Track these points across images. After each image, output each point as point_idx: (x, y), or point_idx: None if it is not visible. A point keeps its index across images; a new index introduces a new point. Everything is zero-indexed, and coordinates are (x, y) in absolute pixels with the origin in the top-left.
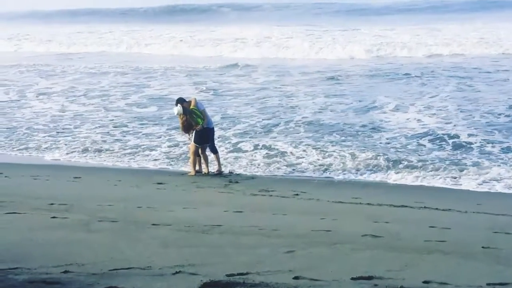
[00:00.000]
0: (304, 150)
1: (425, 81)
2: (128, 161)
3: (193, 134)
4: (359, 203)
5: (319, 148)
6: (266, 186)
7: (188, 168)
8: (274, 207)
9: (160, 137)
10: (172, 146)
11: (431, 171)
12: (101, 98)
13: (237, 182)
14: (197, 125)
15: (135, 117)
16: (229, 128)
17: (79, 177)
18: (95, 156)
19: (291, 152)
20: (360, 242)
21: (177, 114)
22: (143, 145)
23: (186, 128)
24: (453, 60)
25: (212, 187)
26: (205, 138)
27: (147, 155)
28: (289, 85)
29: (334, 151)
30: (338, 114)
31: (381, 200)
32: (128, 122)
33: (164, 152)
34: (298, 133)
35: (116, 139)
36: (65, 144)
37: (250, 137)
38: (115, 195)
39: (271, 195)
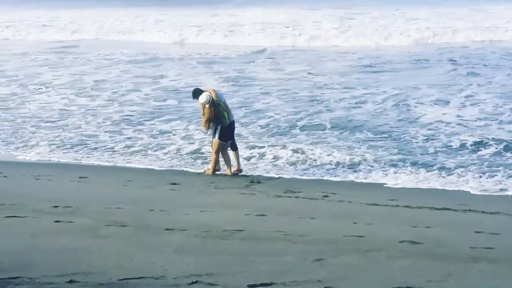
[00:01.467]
0: (333, 147)
1: (471, 70)
2: (139, 160)
3: (218, 129)
4: (395, 206)
5: (350, 146)
6: (292, 187)
7: (202, 168)
8: (300, 210)
9: (176, 134)
10: (188, 144)
11: (475, 173)
12: (111, 91)
13: (259, 183)
14: (223, 118)
15: (148, 112)
16: (252, 123)
17: (85, 177)
18: (103, 154)
19: (319, 150)
20: (397, 249)
21: (205, 103)
22: (157, 142)
23: (213, 120)
24: (505, 46)
25: (232, 188)
26: (229, 134)
27: (161, 153)
28: (320, 75)
29: (366, 150)
30: (373, 107)
31: (421, 202)
32: (141, 117)
33: (179, 150)
34: (327, 130)
35: (127, 137)
36: (70, 141)
37: (274, 133)
38: (125, 197)
39: (297, 197)
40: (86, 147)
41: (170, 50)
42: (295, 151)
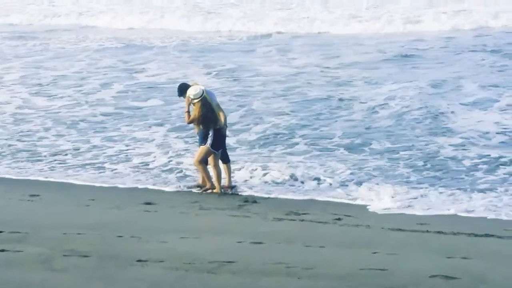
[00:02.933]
0: (341, 161)
1: None
2: (106, 175)
3: (210, 134)
4: (425, 231)
5: (363, 159)
6: (296, 208)
7: (183, 184)
8: (307, 236)
9: (152, 142)
10: (168, 154)
11: None
12: (75, 88)
13: (255, 202)
14: (217, 120)
15: (123, 115)
16: (249, 130)
17: (37, 195)
18: (60, 168)
19: (330, 164)
20: (428, 286)
21: (196, 96)
22: (129, 152)
23: (204, 121)
24: None
25: (221, 208)
26: (221, 141)
27: (132, 166)
28: (339, 68)
29: (386, 164)
30: (398, 108)
31: (457, 227)
32: (113, 121)
33: (156, 163)
34: (337, 138)
35: (93, 145)
36: (19, 152)
37: (276, 143)
38: (87, 220)
39: (302, 220)
40: (40, 159)
41: (145, 36)
42: (300, 164)
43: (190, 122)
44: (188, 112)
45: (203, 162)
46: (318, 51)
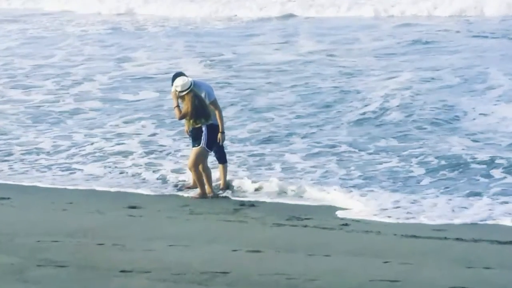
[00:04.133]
0: (356, 160)
1: None
2: (86, 175)
3: (204, 132)
4: (443, 238)
5: (378, 158)
6: (298, 212)
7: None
8: (310, 244)
9: (139, 135)
10: (156, 153)
11: None
12: (55, 79)
13: (253, 206)
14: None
15: (111, 109)
16: (249, 125)
17: (8, 198)
18: (34, 167)
19: (335, 163)
20: None
21: (183, 88)
22: (112, 150)
23: (196, 115)
24: None
25: (214, 213)
26: (215, 139)
27: (116, 167)
28: (351, 56)
29: (397, 164)
30: (413, 102)
31: (478, 234)
32: (93, 116)
33: (143, 162)
34: (354, 135)
35: (73, 143)
36: None
37: (278, 140)
38: (64, 226)
39: (305, 226)
40: (12, 158)
41: (133, 21)
42: (305, 164)
43: (182, 118)
44: (178, 106)
45: (199, 164)
46: (327, 37)
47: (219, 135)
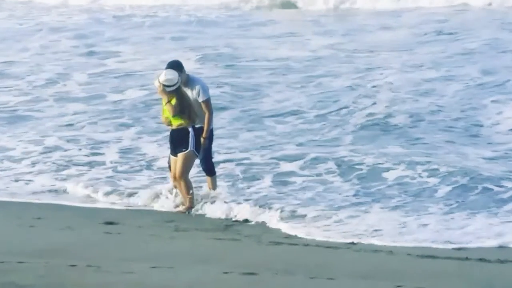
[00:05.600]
0: (362, 172)
1: None
2: (57, 186)
3: (191, 134)
4: (464, 259)
5: (386, 165)
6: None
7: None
8: (311, 265)
9: (120, 141)
10: (138, 161)
11: None
12: (25, 79)
13: (247, 222)
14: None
15: (94, 111)
16: (247, 132)
17: None
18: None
19: (340, 174)
20: None
21: (170, 84)
22: (87, 159)
23: (190, 112)
24: None
25: (203, 229)
26: (200, 142)
27: (93, 177)
28: (365, 50)
29: (412, 175)
30: (432, 104)
31: (504, 254)
32: (70, 119)
33: (121, 172)
34: (365, 142)
35: (45, 149)
36: None
37: (278, 148)
38: (31, 245)
39: (306, 245)
40: None
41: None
42: (306, 175)
43: (177, 113)
44: (170, 102)
45: (188, 172)
46: (338, 30)
47: (202, 140)
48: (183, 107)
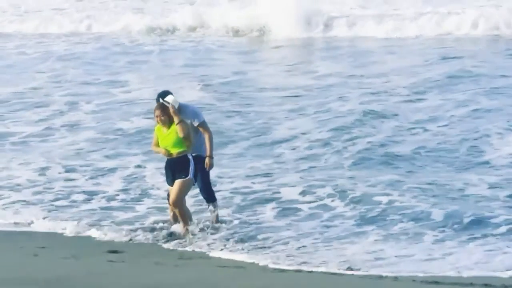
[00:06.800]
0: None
1: None
2: (61, 215)
3: (191, 162)
4: (469, 284)
5: (378, 190)
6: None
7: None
8: None
9: (124, 171)
10: (140, 189)
11: None
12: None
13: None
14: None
15: (94, 138)
16: (256, 159)
17: None
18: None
19: (344, 200)
20: None
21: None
22: (92, 188)
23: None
24: None
25: (207, 257)
26: (198, 171)
27: (96, 206)
28: (373, 76)
29: (412, 202)
30: (435, 130)
31: (509, 280)
32: (87, 148)
33: (125, 199)
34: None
35: (51, 179)
36: None
37: (282, 172)
38: (35, 274)
39: (311, 272)
40: None
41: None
42: (312, 201)
43: (186, 133)
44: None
45: (183, 198)
46: (344, 56)
47: (207, 159)
48: (188, 129)
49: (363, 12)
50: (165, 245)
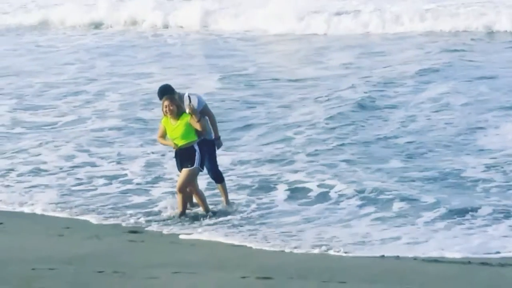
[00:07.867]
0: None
1: None
2: (83, 198)
3: (197, 151)
4: (466, 263)
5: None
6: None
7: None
8: (325, 269)
9: (135, 158)
10: (158, 174)
11: None
12: (69, 99)
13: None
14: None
15: (123, 127)
16: (264, 146)
17: (0, 223)
18: (30, 190)
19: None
20: None
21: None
22: (117, 172)
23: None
24: None
25: (220, 235)
26: (205, 154)
27: (116, 190)
28: (378, 67)
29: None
30: (439, 119)
31: (505, 259)
32: (106, 136)
33: (140, 183)
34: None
35: (75, 165)
36: None
37: (288, 163)
38: (60, 253)
39: (318, 253)
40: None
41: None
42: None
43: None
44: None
45: (188, 186)
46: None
47: (216, 141)
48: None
49: (366, 8)
50: (181, 225)
